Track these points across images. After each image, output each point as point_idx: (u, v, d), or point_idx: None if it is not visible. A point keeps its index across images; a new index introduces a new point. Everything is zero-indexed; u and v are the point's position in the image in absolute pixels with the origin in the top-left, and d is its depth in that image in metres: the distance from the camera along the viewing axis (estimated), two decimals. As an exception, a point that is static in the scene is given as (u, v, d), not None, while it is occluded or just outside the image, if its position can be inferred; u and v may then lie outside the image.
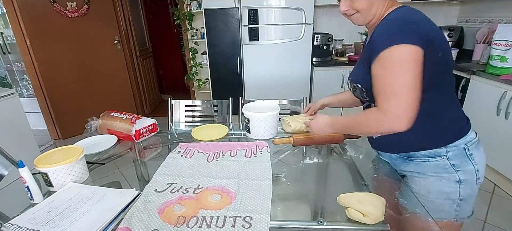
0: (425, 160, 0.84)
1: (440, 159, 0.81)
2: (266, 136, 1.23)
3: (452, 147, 0.80)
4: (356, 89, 0.89)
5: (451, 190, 0.81)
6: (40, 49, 2.83)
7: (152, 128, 1.33)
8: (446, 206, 0.83)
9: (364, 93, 0.86)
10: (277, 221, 0.73)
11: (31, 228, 0.71)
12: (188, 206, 0.78)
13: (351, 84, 0.92)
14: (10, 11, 2.66)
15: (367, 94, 0.84)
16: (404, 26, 0.72)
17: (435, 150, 0.81)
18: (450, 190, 0.81)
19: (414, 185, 0.87)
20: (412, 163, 0.87)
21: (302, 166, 1.03)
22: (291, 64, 2.85)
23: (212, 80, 3.00)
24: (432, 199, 0.83)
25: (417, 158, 0.85)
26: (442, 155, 0.81)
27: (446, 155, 0.80)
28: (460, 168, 0.80)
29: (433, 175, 0.82)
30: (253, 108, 1.24)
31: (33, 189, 0.83)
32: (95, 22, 3.08)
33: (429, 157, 0.83)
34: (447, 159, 0.80)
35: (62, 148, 1.01)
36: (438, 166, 0.81)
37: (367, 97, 0.86)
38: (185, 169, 1.00)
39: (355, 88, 0.89)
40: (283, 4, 2.64)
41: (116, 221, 0.74)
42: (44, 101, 3.01)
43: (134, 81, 3.68)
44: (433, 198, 0.83)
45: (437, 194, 0.82)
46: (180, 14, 3.18)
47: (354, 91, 0.93)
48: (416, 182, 0.87)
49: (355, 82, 0.88)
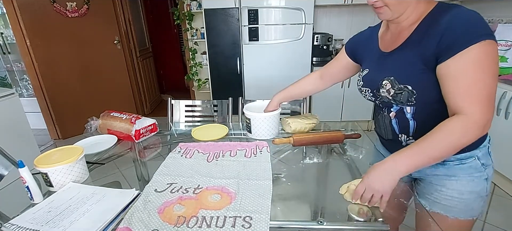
0: (458, 163, 0.80)
1: (472, 160, 0.79)
2: (268, 136, 1.23)
3: (482, 147, 0.80)
4: (402, 92, 0.76)
5: (481, 188, 0.81)
6: (40, 49, 2.83)
7: (152, 128, 1.33)
8: (476, 204, 0.82)
9: (413, 97, 0.75)
10: (277, 221, 0.73)
11: (31, 228, 0.71)
12: (188, 206, 0.78)
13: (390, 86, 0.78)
14: (10, 11, 2.66)
15: (417, 98, 0.75)
16: (482, 21, 0.65)
17: (470, 152, 0.79)
18: (480, 188, 0.81)
19: (445, 188, 0.83)
20: (442, 166, 0.83)
21: (302, 166, 1.03)
22: (291, 64, 2.85)
23: (212, 80, 3.00)
24: (464, 199, 0.82)
25: (450, 162, 0.81)
26: (474, 156, 0.79)
27: (477, 156, 0.79)
28: (487, 165, 0.81)
29: (466, 176, 0.80)
30: (253, 109, 1.24)
31: (33, 189, 0.83)
32: (95, 22, 3.08)
33: (463, 159, 0.80)
34: (478, 159, 0.79)
35: (62, 148, 1.01)
36: (471, 167, 0.80)
37: (413, 100, 0.76)
38: (185, 169, 1.00)
39: (401, 91, 0.76)
40: (283, 4, 2.64)
41: (116, 221, 0.74)
42: (44, 101, 3.01)
43: (134, 81, 3.68)
44: (466, 198, 0.81)
45: (469, 194, 0.81)
46: (180, 14, 3.18)
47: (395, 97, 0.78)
48: (447, 184, 0.83)
49: (404, 84, 0.75)
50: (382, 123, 0.90)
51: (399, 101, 0.79)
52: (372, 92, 0.87)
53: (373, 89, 0.85)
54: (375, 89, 0.84)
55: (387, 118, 0.87)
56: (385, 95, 0.81)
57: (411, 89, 0.75)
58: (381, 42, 0.89)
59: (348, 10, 3.09)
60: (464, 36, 0.64)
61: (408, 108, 0.80)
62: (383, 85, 0.80)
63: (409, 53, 0.75)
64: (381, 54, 0.86)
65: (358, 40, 1.03)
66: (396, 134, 0.86)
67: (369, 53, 0.94)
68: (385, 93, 0.81)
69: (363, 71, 0.93)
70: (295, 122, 1.25)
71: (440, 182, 0.84)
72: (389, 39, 0.85)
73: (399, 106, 0.82)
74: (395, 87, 0.77)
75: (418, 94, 0.74)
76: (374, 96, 0.87)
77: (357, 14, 3.12)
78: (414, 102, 0.76)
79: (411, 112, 0.80)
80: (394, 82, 0.78)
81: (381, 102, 0.86)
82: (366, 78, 0.90)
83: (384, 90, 0.80)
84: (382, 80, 0.80)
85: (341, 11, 3.11)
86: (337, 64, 1.11)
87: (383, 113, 0.88)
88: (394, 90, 0.78)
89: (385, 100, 0.83)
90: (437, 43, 0.68)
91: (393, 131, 0.86)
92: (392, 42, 0.82)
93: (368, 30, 1.00)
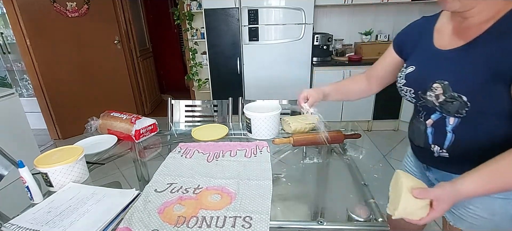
0: None
1: None
2: (268, 136, 1.23)
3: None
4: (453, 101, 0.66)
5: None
6: (40, 49, 2.83)
7: (152, 128, 1.33)
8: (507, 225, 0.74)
9: (465, 109, 0.65)
10: (277, 221, 0.73)
11: (31, 228, 0.72)
12: (188, 206, 0.78)
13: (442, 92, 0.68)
14: (10, 11, 2.66)
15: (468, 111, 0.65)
16: None
17: None
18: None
19: (474, 206, 0.75)
20: None
21: (302, 166, 1.03)
22: (291, 64, 2.85)
23: (212, 80, 3.00)
24: (495, 221, 0.74)
25: None
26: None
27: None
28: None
29: (501, 197, 0.72)
30: (254, 108, 1.25)
31: (33, 189, 0.83)
32: (95, 22, 3.08)
33: None
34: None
35: (62, 148, 1.01)
36: None
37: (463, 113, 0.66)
38: (185, 169, 1.00)
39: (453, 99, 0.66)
40: (283, 4, 2.64)
41: (116, 221, 0.74)
42: (44, 101, 3.01)
43: (134, 81, 3.68)
44: (497, 220, 0.74)
45: (502, 216, 0.73)
46: (180, 14, 3.18)
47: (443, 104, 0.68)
48: (477, 203, 0.74)
49: (458, 93, 0.65)
50: (416, 128, 0.82)
51: (446, 111, 0.69)
52: (416, 93, 0.76)
53: (418, 90, 0.75)
54: (421, 91, 0.74)
55: (422, 124, 0.78)
56: (431, 100, 0.71)
57: (465, 101, 0.64)
58: (437, 37, 0.76)
59: (348, 10, 3.10)
60: None
61: (451, 119, 0.70)
62: (432, 88, 0.70)
63: (474, 58, 0.64)
64: (435, 51, 0.74)
65: (407, 31, 0.89)
66: (429, 143, 0.78)
67: (418, 47, 0.81)
68: (432, 98, 0.71)
69: (407, 68, 0.80)
70: (295, 122, 1.25)
71: (470, 199, 0.74)
72: (450, 35, 0.73)
73: (441, 115, 0.72)
74: (447, 94, 0.67)
75: (472, 108, 0.64)
76: (416, 98, 0.77)
77: (357, 14, 3.12)
78: (463, 115, 0.66)
79: (452, 124, 0.70)
80: (447, 88, 0.66)
81: (422, 106, 0.77)
82: (411, 77, 0.78)
83: (432, 94, 0.70)
84: (433, 83, 0.69)
85: (341, 11, 3.11)
86: (383, 63, 0.96)
87: (419, 118, 0.80)
88: (445, 97, 0.67)
89: (428, 105, 0.73)
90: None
91: (426, 139, 0.78)
92: (453, 39, 0.71)
93: (421, 20, 0.86)
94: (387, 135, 2.96)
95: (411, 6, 3.01)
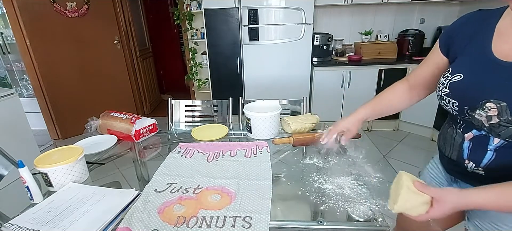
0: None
1: None
2: (268, 136, 1.23)
3: None
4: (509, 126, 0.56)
5: None
6: (40, 49, 2.83)
7: (152, 128, 1.33)
8: None
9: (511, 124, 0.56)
10: (277, 221, 0.73)
11: (31, 228, 0.72)
12: (188, 206, 0.78)
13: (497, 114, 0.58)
14: (10, 11, 2.66)
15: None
16: None
17: None
18: None
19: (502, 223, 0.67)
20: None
21: (302, 166, 1.03)
22: (291, 64, 2.85)
23: (212, 80, 3.00)
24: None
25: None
26: None
27: None
28: None
29: None
30: (254, 109, 1.25)
31: (33, 189, 0.83)
32: (95, 22, 3.08)
33: None
34: None
35: (62, 148, 1.01)
36: None
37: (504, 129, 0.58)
38: (185, 169, 1.00)
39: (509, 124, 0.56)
40: (283, 4, 2.64)
41: (116, 221, 0.74)
42: (44, 101, 3.01)
43: (134, 81, 3.68)
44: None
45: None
46: (180, 14, 3.18)
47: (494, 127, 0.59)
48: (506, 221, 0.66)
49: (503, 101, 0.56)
50: (449, 138, 0.72)
51: (495, 134, 0.60)
52: (460, 107, 0.65)
53: (465, 105, 0.63)
54: (468, 107, 0.63)
55: (459, 136, 0.69)
56: (480, 120, 0.61)
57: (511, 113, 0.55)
58: (497, 40, 0.61)
59: (348, 10, 3.09)
60: None
61: (496, 139, 0.61)
62: (485, 108, 0.59)
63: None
64: (493, 60, 0.60)
65: (457, 27, 0.71)
66: (463, 158, 0.69)
67: (471, 49, 0.66)
68: (481, 117, 0.60)
69: (453, 75, 0.66)
70: (295, 122, 1.25)
71: (497, 215, 0.67)
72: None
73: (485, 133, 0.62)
74: (503, 118, 0.56)
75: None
76: (460, 112, 0.66)
77: (357, 14, 3.12)
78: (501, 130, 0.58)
79: (497, 145, 0.61)
80: (504, 110, 0.56)
81: (464, 120, 0.67)
82: (457, 87, 0.65)
83: (482, 114, 0.60)
84: (486, 101, 0.58)
85: (341, 11, 3.11)
86: (429, 65, 0.79)
87: (455, 128, 0.70)
88: (499, 120, 0.57)
89: (473, 122, 0.63)
90: None
91: (461, 153, 0.69)
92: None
93: (478, 13, 0.68)
94: (387, 135, 2.96)
95: (411, 6, 3.01)
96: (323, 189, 0.86)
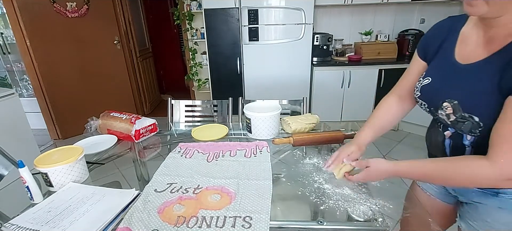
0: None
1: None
2: (268, 136, 1.23)
3: None
4: (465, 121, 0.63)
5: None
6: (40, 49, 2.83)
7: (152, 128, 1.33)
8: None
9: (478, 129, 0.62)
10: (277, 221, 0.73)
11: (31, 228, 0.71)
12: (188, 206, 0.78)
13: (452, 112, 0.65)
14: (10, 11, 2.66)
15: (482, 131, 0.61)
16: None
17: None
18: None
19: (491, 219, 0.71)
20: (495, 197, 0.70)
21: (302, 166, 1.03)
22: (291, 64, 2.85)
23: (212, 80, 3.00)
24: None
25: (506, 195, 0.68)
26: None
27: None
28: None
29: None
30: (254, 108, 1.24)
31: (33, 189, 0.83)
32: (95, 22, 3.08)
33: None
34: None
35: (62, 148, 1.01)
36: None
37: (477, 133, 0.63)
38: (185, 169, 1.00)
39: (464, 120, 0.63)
40: (283, 4, 2.64)
41: (116, 221, 0.74)
42: (44, 102, 3.01)
43: (134, 81, 3.69)
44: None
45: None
46: (180, 14, 3.18)
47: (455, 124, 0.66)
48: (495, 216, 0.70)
49: (470, 113, 0.62)
50: (433, 137, 0.78)
51: (459, 129, 0.66)
52: (429, 109, 0.74)
53: (431, 106, 0.72)
54: (433, 108, 0.71)
55: (440, 135, 0.75)
56: (443, 119, 0.69)
57: (477, 121, 0.61)
58: (460, 46, 0.69)
59: (348, 10, 3.10)
60: None
61: (468, 136, 0.67)
62: (443, 107, 0.67)
63: (490, 75, 0.58)
64: (453, 64, 0.68)
65: (431, 34, 0.79)
66: (446, 154, 0.74)
67: (439, 54, 0.74)
68: (443, 117, 0.68)
69: (424, 79, 0.75)
70: (295, 122, 1.25)
71: (488, 212, 0.71)
72: (473, 45, 0.65)
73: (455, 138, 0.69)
74: (457, 115, 0.64)
75: (485, 128, 0.60)
76: (430, 112, 0.75)
77: (357, 14, 3.12)
78: (477, 134, 0.63)
79: (470, 140, 0.67)
80: (457, 108, 0.63)
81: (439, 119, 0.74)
82: (425, 90, 0.73)
83: (442, 113, 0.67)
84: (443, 102, 0.66)
85: (341, 11, 3.11)
86: (413, 73, 0.84)
87: (437, 128, 0.76)
88: (456, 117, 0.64)
89: (441, 122, 0.71)
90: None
91: (443, 151, 0.75)
92: (476, 51, 0.64)
93: (447, 21, 0.76)
94: (387, 135, 2.96)
95: (411, 6, 3.01)
96: (323, 189, 0.86)
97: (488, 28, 0.61)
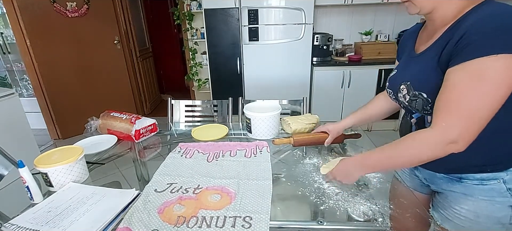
0: (478, 183, 0.72)
1: (496, 183, 0.70)
2: (268, 136, 1.23)
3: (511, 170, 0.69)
4: (416, 99, 0.72)
5: (503, 214, 0.71)
6: (40, 49, 2.83)
7: (152, 128, 1.33)
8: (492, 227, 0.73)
9: (429, 105, 0.69)
10: (277, 221, 0.73)
11: (31, 228, 0.72)
12: (188, 206, 0.78)
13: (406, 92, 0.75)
14: (10, 11, 2.66)
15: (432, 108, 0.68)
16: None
17: (494, 173, 0.70)
18: (502, 215, 0.71)
19: (459, 206, 0.76)
20: (459, 184, 0.75)
21: (302, 166, 1.03)
22: (291, 64, 2.85)
23: (212, 80, 3.00)
24: (480, 223, 0.73)
25: (468, 180, 0.73)
26: (499, 178, 0.70)
27: (503, 179, 0.69)
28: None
29: (486, 199, 0.71)
30: (254, 109, 1.25)
31: (33, 189, 0.83)
32: (95, 22, 3.08)
33: (484, 180, 0.71)
34: (504, 182, 0.69)
35: (62, 148, 1.01)
36: (493, 190, 0.70)
37: (429, 109, 0.70)
38: (185, 169, 1.00)
39: (416, 97, 0.72)
40: (283, 4, 2.64)
41: (116, 221, 0.74)
42: (44, 101, 3.01)
43: (134, 81, 3.68)
44: (482, 222, 0.73)
45: (487, 218, 0.72)
46: (180, 14, 3.18)
47: (410, 103, 0.75)
48: (462, 203, 0.75)
49: (418, 90, 0.71)
50: (404, 127, 0.85)
51: (415, 109, 0.74)
52: (394, 95, 0.83)
53: (394, 93, 0.82)
54: (395, 93, 0.81)
55: (407, 123, 0.82)
56: (402, 101, 0.77)
57: (425, 97, 0.69)
58: (418, 41, 0.82)
59: (348, 10, 3.10)
60: (484, 41, 0.56)
61: (428, 117, 0.73)
62: (400, 90, 0.77)
63: (432, 57, 0.69)
64: (411, 55, 0.81)
65: (406, 37, 0.91)
66: None
67: (405, 52, 0.87)
68: (402, 99, 0.77)
69: (392, 72, 0.88)
70: (295, 122, 1.25)
71: (455, 199, 0.77)
72: (424, 38, 0.78)
73: (420, 115, 0.77)
74: (410, 93, 0.73)
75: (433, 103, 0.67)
76: (396, 100, 0.84)
77: (357, 14, 3.12)
78: (430, 111, 0.70)
79: (430, 122, 0.71)
80: (409, 87, 0.73)
81: (404, 107, 0.82)
82: (391, 80, 0.85)
83: (401, 95, 0.77)
84: (400, 85, 0.77)
85: (341, 11, 3.11)
86: None
87: (406, 117, 0.84)
88: (410, 96, 0.74)
89: (407, 106, 0.78)
90: (455, 43, 0.60)
91: None
92: (425, 42, 0.75)
93: (414, 27, 0.89)
94: (387, 135, 2.96)
95: (411, 6, 3.01)
96: (323, 189, 0.86)
97: (431, 23, 0.73)
